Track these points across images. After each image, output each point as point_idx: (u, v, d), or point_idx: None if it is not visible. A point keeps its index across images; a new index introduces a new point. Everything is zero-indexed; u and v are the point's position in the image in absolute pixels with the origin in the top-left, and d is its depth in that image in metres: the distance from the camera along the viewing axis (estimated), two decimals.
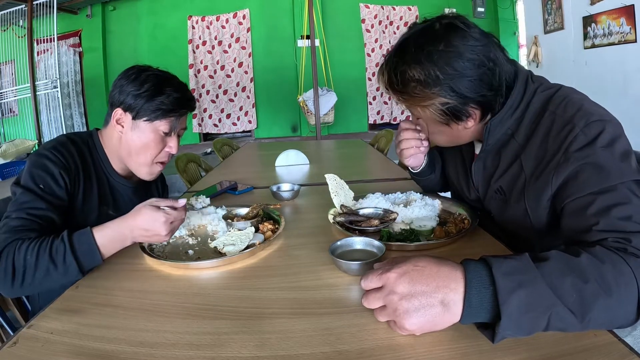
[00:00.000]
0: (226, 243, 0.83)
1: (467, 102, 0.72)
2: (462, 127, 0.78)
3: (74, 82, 6.39)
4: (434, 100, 0.72)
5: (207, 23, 6.20)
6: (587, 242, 0.60)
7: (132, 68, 0.98)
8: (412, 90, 0.73)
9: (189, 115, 1.07)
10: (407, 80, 0.72)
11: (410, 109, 0.81)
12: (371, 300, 0.54)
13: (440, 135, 0.85)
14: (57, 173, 0.88)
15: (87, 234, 0.77)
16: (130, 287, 0.73)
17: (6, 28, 5.50)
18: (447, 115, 0.74)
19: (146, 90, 0.94)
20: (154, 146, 0.98)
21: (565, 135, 0.68)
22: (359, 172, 1.89)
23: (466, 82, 0.70)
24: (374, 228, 0.90)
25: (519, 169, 0.78)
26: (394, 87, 0.75)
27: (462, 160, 0.99)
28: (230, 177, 1.65)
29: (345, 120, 6.37)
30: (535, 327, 0.49)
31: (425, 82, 0.70)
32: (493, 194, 0.86)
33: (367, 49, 6.33)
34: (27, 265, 0.73)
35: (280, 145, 2.82)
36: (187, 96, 1.01)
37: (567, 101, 0.72)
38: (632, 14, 3.54)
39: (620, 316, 0.51)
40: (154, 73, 0.97)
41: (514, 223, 0.82)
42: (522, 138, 0.78)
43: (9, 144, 4.95)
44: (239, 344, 0.54)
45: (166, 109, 0.96)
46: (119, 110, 0.96)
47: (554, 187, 0.69)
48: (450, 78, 0.69)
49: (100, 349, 0.54)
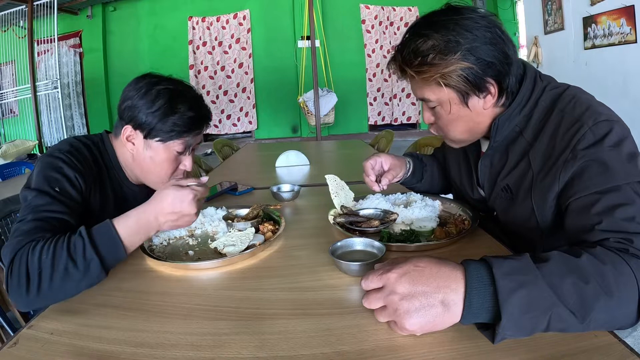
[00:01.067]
0: (226, 244, 0.83)
1: (486, 70, 0.71)
2: (481, 107, 0.76)
3: (74, 83, 6.40)
4: (455, 66, 0.70)
5: (208, 24, 6.21)
6: (589, 242, 0.60)
7: (143, 79, 0.91)
8: (431, 61, 0.71)
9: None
10: (426, 52, 0.71)
11: (427, 91, 0.76)
12: (371, 300, 0.54)
13: (459, 123, 0.80)
14: (73, 176, 0.83)
15: (107, 225, 0.71)
16: (131, 287, 0.73)
17: (7, 29, 5.50)
18: (468, 84, 0.72)
19: (158, 109, 0.87)
20: (168, 166, 0.94)
21: (573, 133, 0.68)
22: (359, 172, 1.88)
23: (484, 48, 0.70)
24: (374, 229, 0.90)
25: (526, 166, 0.78)
26: (411, 63, 0.73)
27: (465, 159, 0.99)
28: (230, 177, 1.65)
29: (346, 121, 6.37)
30: (536, 328, 0.49)
31: (446, 49, 0.70)
32: (499, 192, 0.85)
33: (368, 49, 6.33)
34: (43, 266, 0.65)
35: (280, 146, 2.82)
36: (202, 113, 0.94)
37: (575, 100, 0.72)
38: (632, 15, 3.55)
39: (621, 317, 0.51)
40: (166, 87, 0.89)
41: (518, 222, 0.82)
42: (530, 135, 0.77)
43: (9, 145, 4.96)
44: (239, 344, 0.53)
45: (180, 131, 0.90)
46: (129, 128, 0.90)
47: (560, 183, 0.69)
48: (469, 42, 0.69)
49: (100, 349, 0.54)
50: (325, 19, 6.13)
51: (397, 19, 6.34)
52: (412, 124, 6.75)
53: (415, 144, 2.20)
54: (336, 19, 6.22)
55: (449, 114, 0.78)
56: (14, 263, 0.67)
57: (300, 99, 5.60)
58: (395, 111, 6.55)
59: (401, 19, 6.34)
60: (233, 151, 2.89)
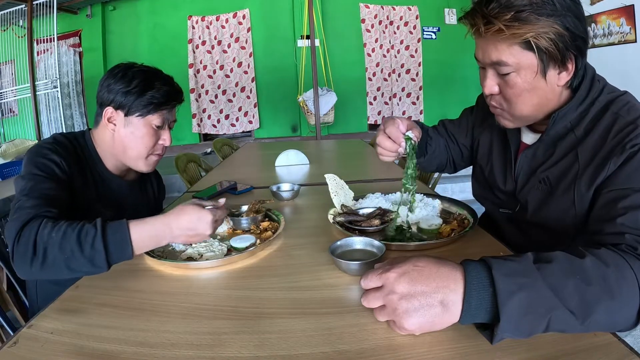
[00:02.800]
0: (202, 251, 0.84)
1: (572, 42, 0.69)
2: (555, 82, 0.73)
3: (74, 82, 6.38)
4: (550, 29, 0.66)
5: (207, 23, 6.20)
6: (605, 232, 0.62)
7: (117, 66, 0.99)
8: (526, 17, 0.66)
9: (189, 115, 1.07)
10: (521, 7, 0.66)
11: (507, 52, 0.70)
12: (371, 299, 0.54)
13: (532, 95, 0.74)
14: (59, 160, 0.89)
15: (122, 224, 0.73)
16: (130, 287, 0.73)
17: (6, 28, 5.49)
18: (557, 51, 0.68)
19: (135, 87, 0.95)
20: (149, 139, 0.99)
21: (627, 133, 0.68)
22: (359, 172, 1.89)
23: (574, 20, 0.68)
24: (374, 228, 0.90)
25: (573, 159, 0.77)
26: (503, 16, 0.67)
27: (503, 148, 0.95)
28: (230, 177, 1.65)
29: (345, 120, 6.36)
30: (535, 330, 0.49)
31: (542, 8, 0.66)
32: (536, 184, 0.84)
33: (367, 48, 6.32)
34: (51, 242, 0.69)
35: (280, 145, 2.81)
36: (176, 88, 1.02)
37: (630, 105, 0.73)
38: (632, 14, 3.55)
39: (621, 320, 0.51)
40: (140, 69, 0.98)
41: (553, 217, 0.81)
42: (581, 132, 0.77)
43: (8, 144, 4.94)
44: (238, 343, 0.54)
45: (157, 103, 0.97)
46: (110, 109, 0.97)
47: (607, 173, 0.69)
48: (564, 9, 0.67)
49: (100, 349, 0.54)
50: (325, 18, 6.12)
51: (397, 18, 6.32)
52: None
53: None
54: (336, 18, 6.21)
55: (525, 82, 0.72)
56: (22, 233, 0.70)
57: (300, 98, 5.59)
58: (395, 110, 6.54)
59: (401, 18, 6.32)
60: (233, 150, 2.89)
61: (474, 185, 1.07)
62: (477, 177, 1.06)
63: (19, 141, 5.10)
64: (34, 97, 5.34)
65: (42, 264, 0.69)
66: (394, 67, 6.36)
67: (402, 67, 6.38)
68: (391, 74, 6.39)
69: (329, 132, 6.32)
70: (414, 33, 6.29)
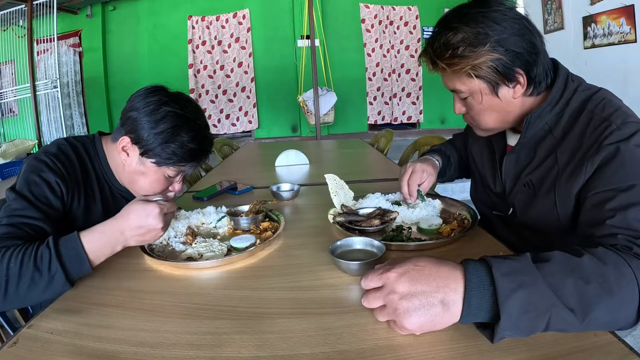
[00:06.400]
0: (202, 251, 0.83)
1: (515, 60, 0.73)
2: (511, 96, 0.78)
3: (74, 82, 6.38)
4: (485, 58, 0.73)
5: (207, 23, 6.20)
6: (597, 235, 0.61)
7: (155, 93, 0.87)
8: (462, 53, 0.73)
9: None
10: (456, 44, 0.74)
11: (458, 82, 0.79)
12: (371, 299, 0.54)
13: (490, 112, 0.82)
14: (54, 181, 0.83)
15: (74, 238, 0.71)
16: (130, 287, 0.73)
17: (6, 28, 5.49)
18: (498, 75, 0.74)
19: (161, 132, 0.84)
20: (157, 186, 0.92)
21: (601, 130, 0.70)
22: (359, 172, 1.89)
23: (512, 39, 0.72)
24: (374, 228, 0.90)
25: (553, 162, 0.79)
26: (442, 56, 0.76)
27: (491, 152, 0.99)
28: (230, 177, 1.65)
29: (345, 120, 6.36)
30: (535, 328, 0.49)
31: (475, 41, 0.72)
32: (521, 187, 0.86)
33: (367, 48, 6.32)
34: (10, 274, 0.67)
35: (280, 145, 2.82)
36: (203, 147, 0.91)
37: (605, 102, 0.74)
38: (632, 14, 3.54)
39: (621, 318, 0.51)
40: (173, 110, 0.85)
41: (538, 218, 0.82)
42: (559, 134, 0.79)
43: (8, 144, 4.94)
44: (238, 343, 0.54)
45: (177, 160, 0.87)
46: (127, 139, 0.87)
47: (586, 175, 0.70)
48: (498, 34, 0.71)
49: (100, 349, 0.54)
50: (325, 18, 6.12)
51: (397, 18, 6.33)
52: (412, 123, 6.74)
53: (415, 143, 2.20)
54: (336, 18, 6.21)
55: (480, 104, 0.80)
56: None
57: (300, 98, 5.59)
58: (395, 110, 6.55)
59: (401, 18, 6.32)
60: (233, 150, 2.89)
61: (472, 188, 1.11)
62: (473, 180, 1.11)
63: (19, 141, 5.10)
64: (34, 97, 5.34)
65: (4, 296, 0.66)
66: (394, 67, 6.37)
67: (402, 67, 6.38)
68: (391, 74, 6.40)
69: (329, 132, 6.32)
70: (414, 33, 6.30)
